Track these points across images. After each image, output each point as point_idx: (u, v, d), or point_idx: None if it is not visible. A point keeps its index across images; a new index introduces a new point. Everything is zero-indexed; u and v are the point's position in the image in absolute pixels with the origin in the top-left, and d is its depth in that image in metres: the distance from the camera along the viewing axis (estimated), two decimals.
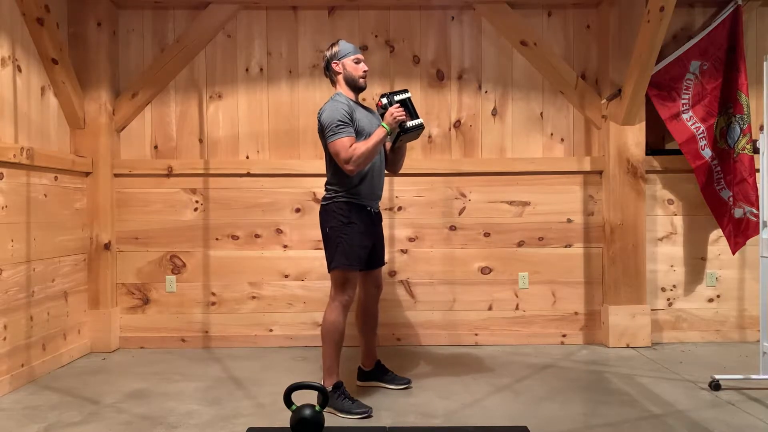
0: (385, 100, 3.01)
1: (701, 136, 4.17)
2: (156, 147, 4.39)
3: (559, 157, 4.39)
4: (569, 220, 4.37)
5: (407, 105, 3.01)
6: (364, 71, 3.10)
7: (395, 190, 4.31)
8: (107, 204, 4.23)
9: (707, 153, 4.17)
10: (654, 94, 4.17)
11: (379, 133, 2.92)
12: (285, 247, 4.34)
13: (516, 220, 4.36)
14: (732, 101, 4.10)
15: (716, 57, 4.15)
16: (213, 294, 4.33)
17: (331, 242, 3.02)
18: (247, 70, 4.40)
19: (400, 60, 4.41)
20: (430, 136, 4.41)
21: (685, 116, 4.19)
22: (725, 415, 2.86)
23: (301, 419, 2.40)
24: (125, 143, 4.39)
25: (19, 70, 3.57)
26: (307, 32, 4.40)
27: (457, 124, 4.42)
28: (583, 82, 4.34)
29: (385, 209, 4.27)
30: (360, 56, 3.11)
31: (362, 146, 2.89)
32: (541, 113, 4.43)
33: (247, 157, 4.38)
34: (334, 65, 3.10)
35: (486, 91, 4.42)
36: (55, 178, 3.82)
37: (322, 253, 3.25)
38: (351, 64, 3.08)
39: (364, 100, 3.66)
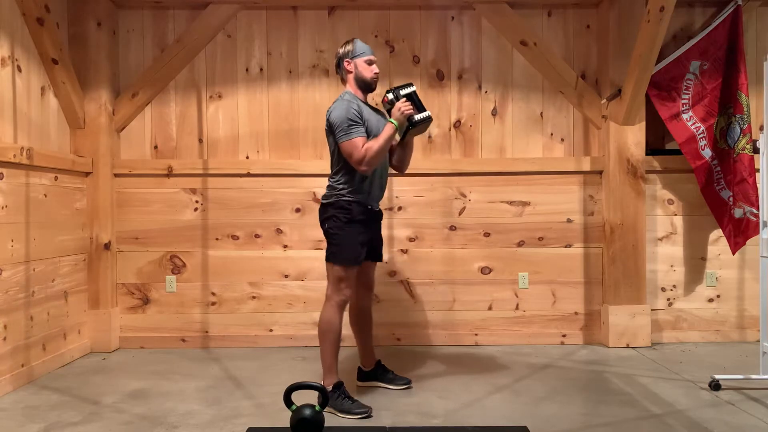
0: (391, 96, 3.00)
1: (701, 136, 4.17)
2: (156, 147, 4.39)
3: (559, 157, 4.39)
4: (569, 220, 4.37)
5: (413, 98, 3.00)
6: (375, 73, 3.09)
7: (395, 190, 4.31)
8: (107, 204, 4.23)
9: (707, 153, 4.17)
10: (654, 94, 4.17)
11: (388, 130, 2.92)
12: (285, 247, 4.34)
13: (516, 220, 4.36)
14: (732, 101, 4.10)
15: (716, 57, 4.15)
16: (213, 294, 4.33)
17: (331, 239, 3.04)
18: (247, 70, 4.40)
19: (400, 60, 4.41)
20: (430, 136, 4.41)
21: (685, 116, 4.19)
22: (725, 415, 2.86)
23: (301, 419, 2.40)
24: (125, 143, 4.39)
25: (19, 70, 3.57)
26: (307, 32, 4.40)
27: (457, 124, 4.42)
28: (583, 82, 4.34)
29: (385, 209, 4.27)
30: (373, 57, 3.09)
31: (374, 145, 2.89)
32: (541, 113, 4.43)
33: (247, 157, 4.38)
34: (346, 63, 3.08)
35: (486, 91, 4.42)
36: (55, 178, 3.82)
37: (322, 253, 3.25)
38: (363, 65, 3.06)
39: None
